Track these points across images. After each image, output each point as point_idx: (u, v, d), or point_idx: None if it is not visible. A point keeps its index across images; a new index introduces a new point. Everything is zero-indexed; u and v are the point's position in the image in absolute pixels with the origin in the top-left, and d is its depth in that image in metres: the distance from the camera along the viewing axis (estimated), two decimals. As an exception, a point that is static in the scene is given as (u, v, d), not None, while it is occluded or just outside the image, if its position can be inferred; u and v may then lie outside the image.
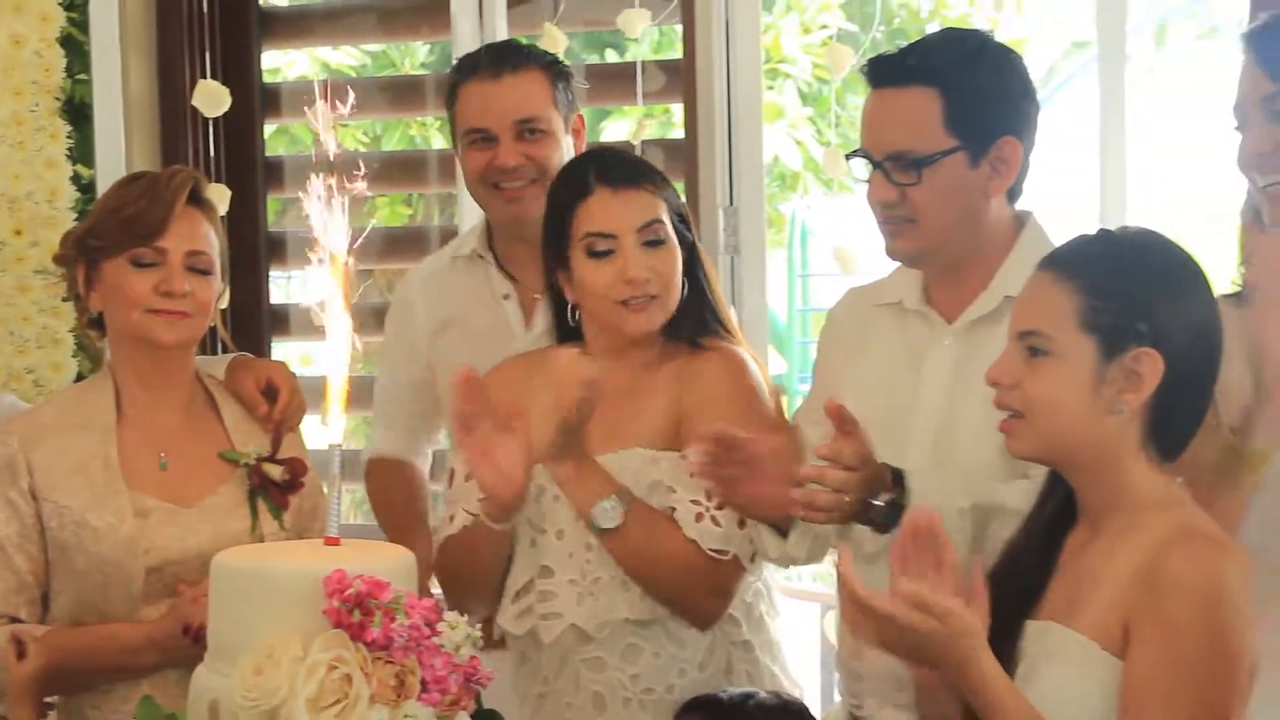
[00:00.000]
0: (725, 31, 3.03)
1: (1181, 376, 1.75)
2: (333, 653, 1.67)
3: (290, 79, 6.11)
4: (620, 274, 2.27)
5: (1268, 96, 1.95)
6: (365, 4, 4.05)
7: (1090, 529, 1.80)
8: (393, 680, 1.67)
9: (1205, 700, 1.66)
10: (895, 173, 2.11)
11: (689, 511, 2.24)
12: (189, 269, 2.29)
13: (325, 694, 1.65)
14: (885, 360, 2.22)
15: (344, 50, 6.82)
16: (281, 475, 2.33)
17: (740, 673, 2.33)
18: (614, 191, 2.29)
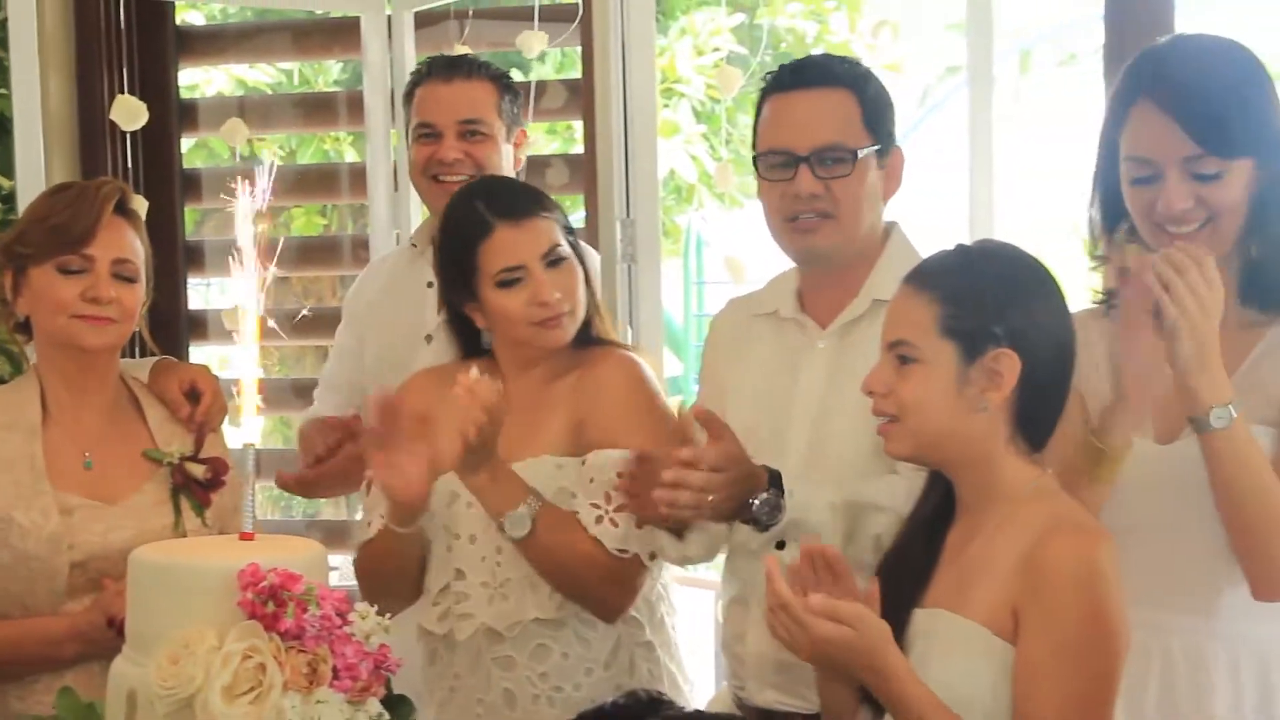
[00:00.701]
0: (621, 53, 3.04)
1: (1039, 372, 1.78)
2: (247, 642, 1.65)
3: (208, 95, 6.03)
4: (533, 298, 2.29)
5: (1189, 159, 1.94)
6: (279, 24, 4.02)
7: (970, 521, 1.83)
8: (305, 668, 1.66)
9: (1090, 676, 1.70)
10: (822, 167, 2.12)
11: (590, 515, 2.25)
12: (115, 276, 2.26)
13: (240, 682, 1.64)
14: (764, 366, 2.24)
15: (259, 68, 6.75)
16: (204, 474, 2.31)
17: (642, 671, 2.33)
18: (515, 225, 2.31)
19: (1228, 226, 1.97)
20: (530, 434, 2.29)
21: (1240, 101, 1.94)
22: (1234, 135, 1.93)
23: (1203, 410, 1.87)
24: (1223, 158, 1.94)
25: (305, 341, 5.62)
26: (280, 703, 1.63)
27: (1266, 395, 1.96)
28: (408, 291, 2.86)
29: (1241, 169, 1.95)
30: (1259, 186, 1.96)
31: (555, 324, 2.30)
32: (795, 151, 2.14)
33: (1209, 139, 1.92)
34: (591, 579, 2.25)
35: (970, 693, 1.73)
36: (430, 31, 3.55)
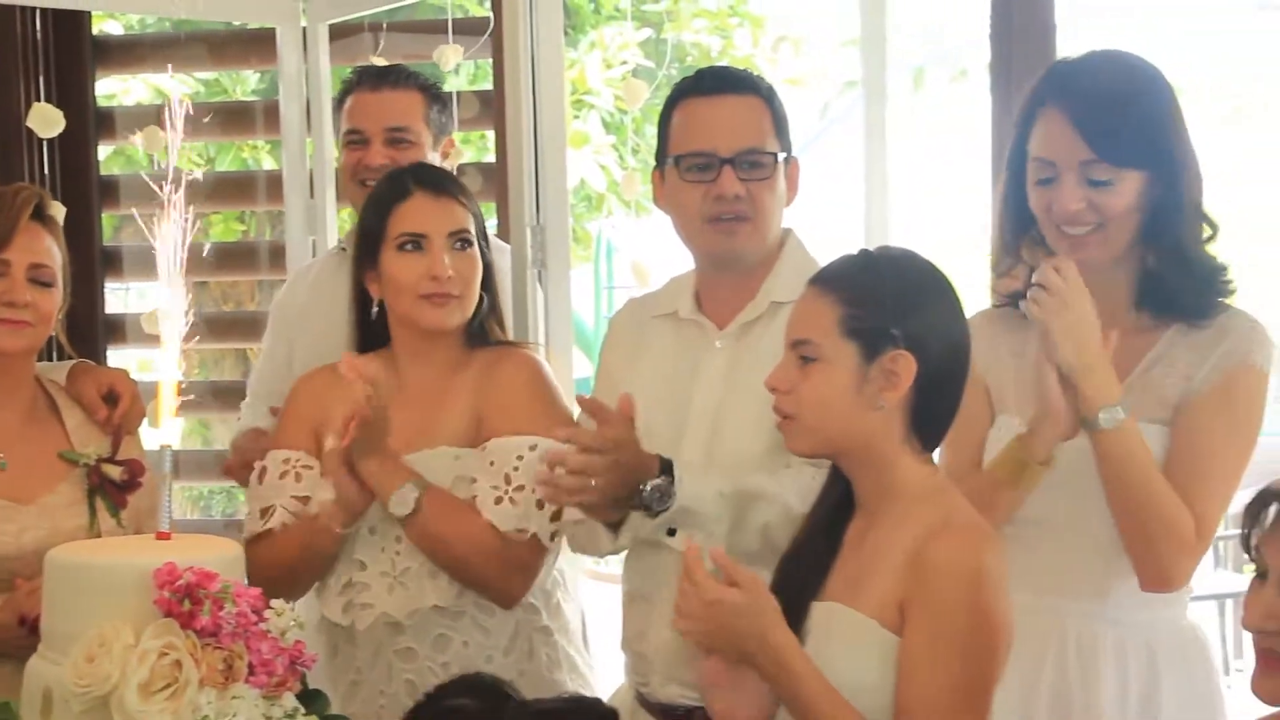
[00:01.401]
0: (531, 65, 3.04)
1: (934, 375, 1.80)
2: (163, 640, 1.63)
3: (126, 104, 5.94)
4: (428, 270, 2.28)
5: (1084, 163, 1.98)
6: (196, 34, 3.97)
7: (867, 517, 1.84)
8: (221, 665, 1.65)
9: (968, 669, 1.72)
10: (745, 170, 2.13)
11: (489, 495, 2.23)
12: (31, 281, 2.23)
13: (156, 679, 1.62)
14: (663, 366, 2.24)
15: (178, 77, 6.65)
16: (120, 475, 2.27)
17: (541, 656, 2.33)
18: (432, 197, 2.32)
19: (1117, 233, 2.00)
20: (429, 426, 2.28)
21: (1137, 114, 1.98)
22: (1127, 145, 1.97)
23: (1091, 411, 1.91)
24: (1114, 165, 1.97)
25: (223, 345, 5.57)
26: (196, 699, 1.61)
27: (1158, 396, 2.01)
28: (337, 296, 2.81)
29: (1132, 179, 1.98)
30: (1151, 198, 1.99)
31: (441, 302, 2.29)
32: (718, 153, 2.13)
33: (1103, 146, 1.96)
34: (482, 561, 2.23)
35: (860, 682, 1.74)
36: (346, 43, 3.53)
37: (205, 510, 6.88)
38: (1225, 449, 1.99)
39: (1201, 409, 1.98)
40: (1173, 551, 1.95)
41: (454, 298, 2.30)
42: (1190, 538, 1.95)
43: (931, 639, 1.71)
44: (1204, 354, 2.00)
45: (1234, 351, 1.99)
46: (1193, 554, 1.97)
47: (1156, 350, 2.03)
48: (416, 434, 2.25)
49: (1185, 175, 2.00)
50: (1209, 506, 1.97)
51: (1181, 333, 2.02)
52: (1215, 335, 2.01)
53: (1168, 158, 1.99)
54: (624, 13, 7.08)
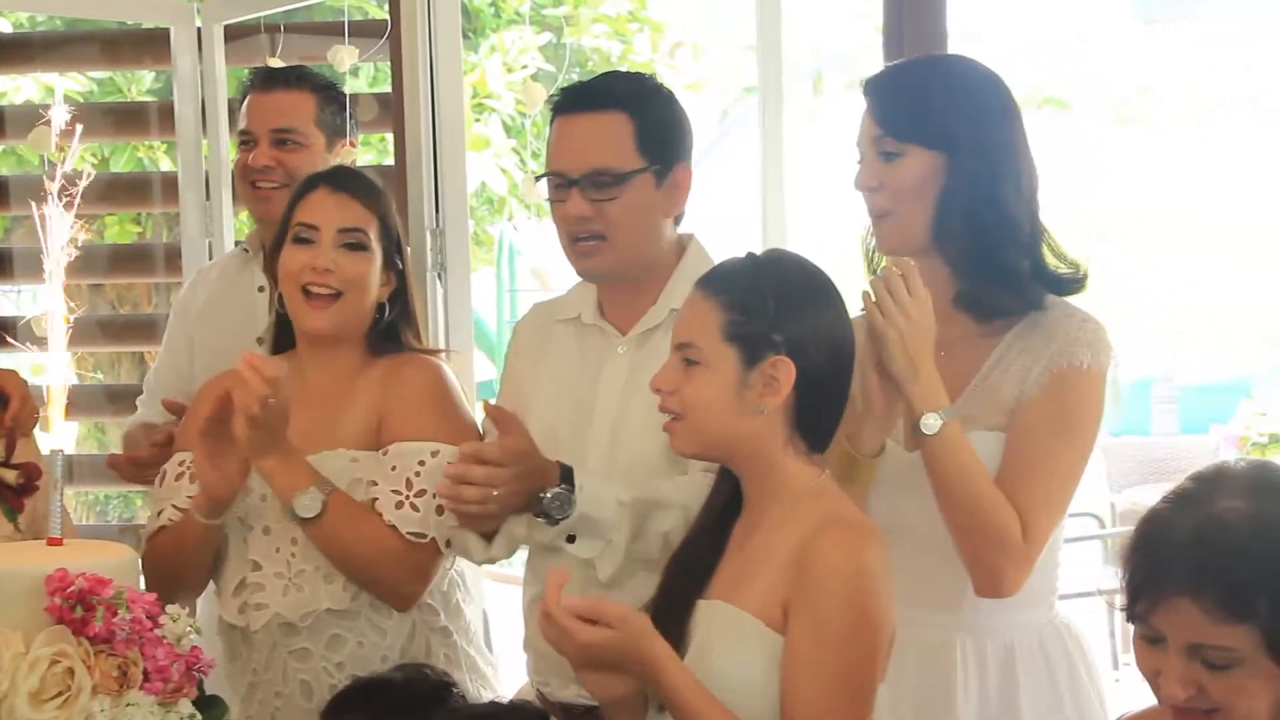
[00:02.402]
0: (430, 68, 3.02)
1: (816, 379, 1.81)
2: (55, 647, 1.60)
3: (16, 103, 5.81)
4: (310, 262, 2.25)
5: (875, 138, 2.04)
6: (88, 34, 3.90)
7: (753, 516, 1.85)
8: (115, 671, 1.62)
9: (850, 667, 1.73)
10: (593, 190, 2.12)
11: (390, 500, 2.22)
12: None
13: (47, 687, 1.59)
14: (566, 370, 2.24)
15: (71, 76, 6.51)
16: (16, 479, 2.18)
17: (439, 656, 2.31)
18: (331, 192, 2.30)
19: (908, 213, 2.02)
20: (327, 428, 2.26)
21: (928, 93, 2.03)
22: (907, 119, 2.01)
23: (916, 416, 1.93)
24: (896, 138, 2.01)
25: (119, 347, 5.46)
26: (89, 706, 1.58)
27: (996, 402, 2.02)
28: (239, 296, 2.80)
29: (920, 156, 2.01)
30: (948, 184, 2.01)
31: (320, 305, 2.25)
32: (568, 174, 2.14)
33: (887, 119, 2.02)
34: (384, 565, 2.22)
35: (744, 680, 1.75)
36: (242, 44, 3.48)
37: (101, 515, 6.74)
38: (1054, 453, 1.98)
39: (1030, 413, 1.98)
40: (1000, 558, 1.95)
41: (336, 296, 2.26)
42: (1017, 544, 1.94)
43: (814, 638, 1.72)
44: (1036, 356, 2.00)
45: (1062, 352, 1.99)
46: (1021, 560, 1.96)
47: (995, 355, 2.04)
48: (314, 435, 2.23)
49: (985, 165, 2.00)
50: (1038, 513, 1.96)
51: (1018, 335, 2.03)
52: (1045, 337, 2.01)
53: (965, 143, 2.00)
54: (524, 17, 7.07)
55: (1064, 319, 2.02)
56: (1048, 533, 1.99)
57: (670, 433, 1.84)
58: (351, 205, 2.29)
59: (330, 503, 2.19)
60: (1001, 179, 2.02)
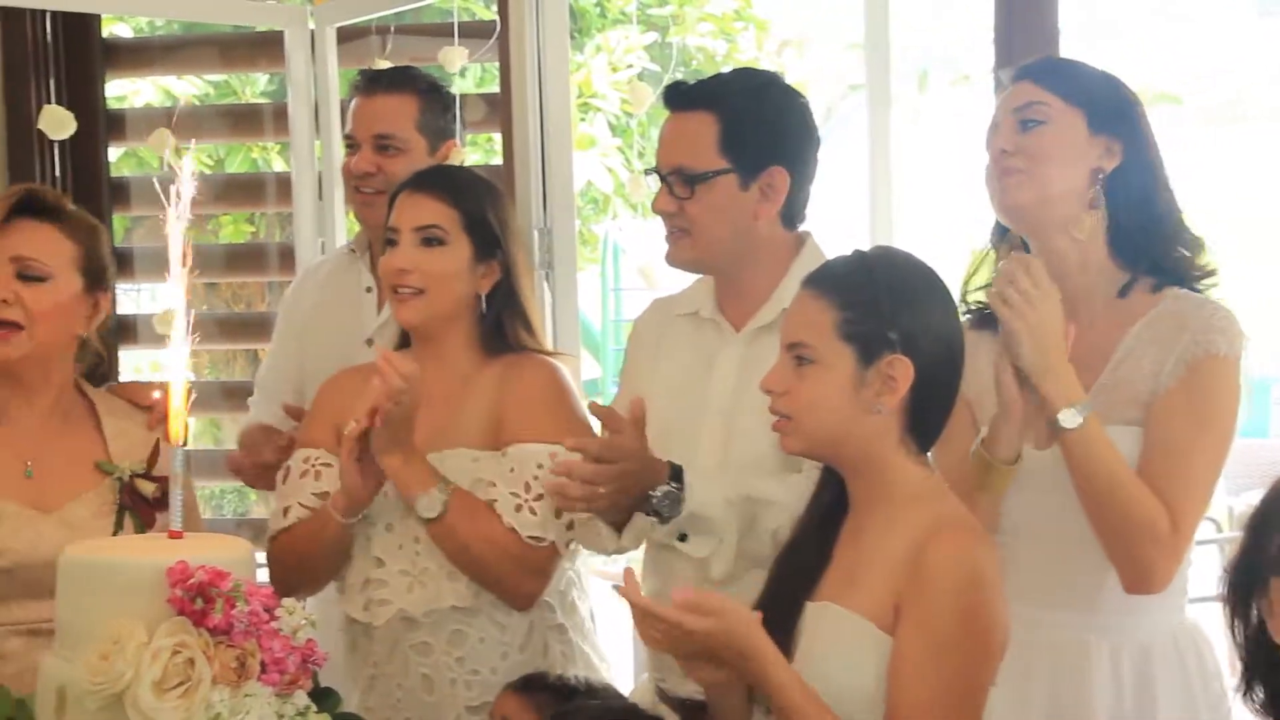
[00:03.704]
0: (538, 68, 3.04)
1: (930, 378, 1.79)
2: (176, 638, 1.63)
3: (136, 106, 5.95)
4: (391, 262, 2.30)
5: (1022, 106, 2.03)
6: (205, 37, 3.98)
7: (861, 518, 1.83)
8: (234, 663, 1.64)
9: (960, 670, 1.71)
10: (674, 187, 2.15)
11: (509, 503, 2.24)
12: (19, 276, 2.15)
13: (169, 676, 1.61)
14: (682, 364, 2.24)
15: (187, 79, 6.66)
16: (154, 493, 2.21)
17: (556, 653, 2.33)
18: (410, 194, 2.34)
19: (1042, 175, 2.01)
20: (447, 427, 2.28)
21: (1081, 68, 2.07)
22: (1069, 82, 2.03)
23: (1053, 413, 1.90)
24: (1063, 98, 2.02)
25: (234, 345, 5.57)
26: (209, 696, 1.61)
27: (1129, 395, 1.99)
28: (347, 296, 2.83)
29: (1067, 123, 2.01)
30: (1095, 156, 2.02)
31: (404, 299, 2.29)
32: (660, 171, 2.18)
33: (1046, 80, 2.03)
34: (503, 566, 2.23)
35: (853, 683, 1.73)
36: (353, 46, 3.53)
37: (217, 509, 6.89)
38: (1196, 443, 1.96)
39: (1168, 404, 1.97)
40: (1150, 552, 1.93)
41: (419, 293, 2.29)
42: (1166, 537, 1.92)
43: (924, 640, 1.70)
44: (1168, 347, 1.98)
45: (1197, 342, 1.97)
46: (1171, 553, 1.94)
47: (1123, 347, 2.02)
48: (435, 434, 2.25)
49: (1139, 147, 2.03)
50: (1184, 504, 1.94)
51: (1147, 326, 2.01)
52: (1176, 327, 1.99)
53: (1121, 124, 2.02)
54: (629, 16, 7.08)
55: (1195, 308, 2.01)
56: (1196, 524, 1.97)
57: (781, 433, 1.83)
58: (427, 203, 2.32)
59: (451, 502, 2.21)
60: (1155, 166, 2.03)
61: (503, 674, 2.26)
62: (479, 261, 2.32)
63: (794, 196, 2.18)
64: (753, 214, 2.15)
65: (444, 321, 2.31)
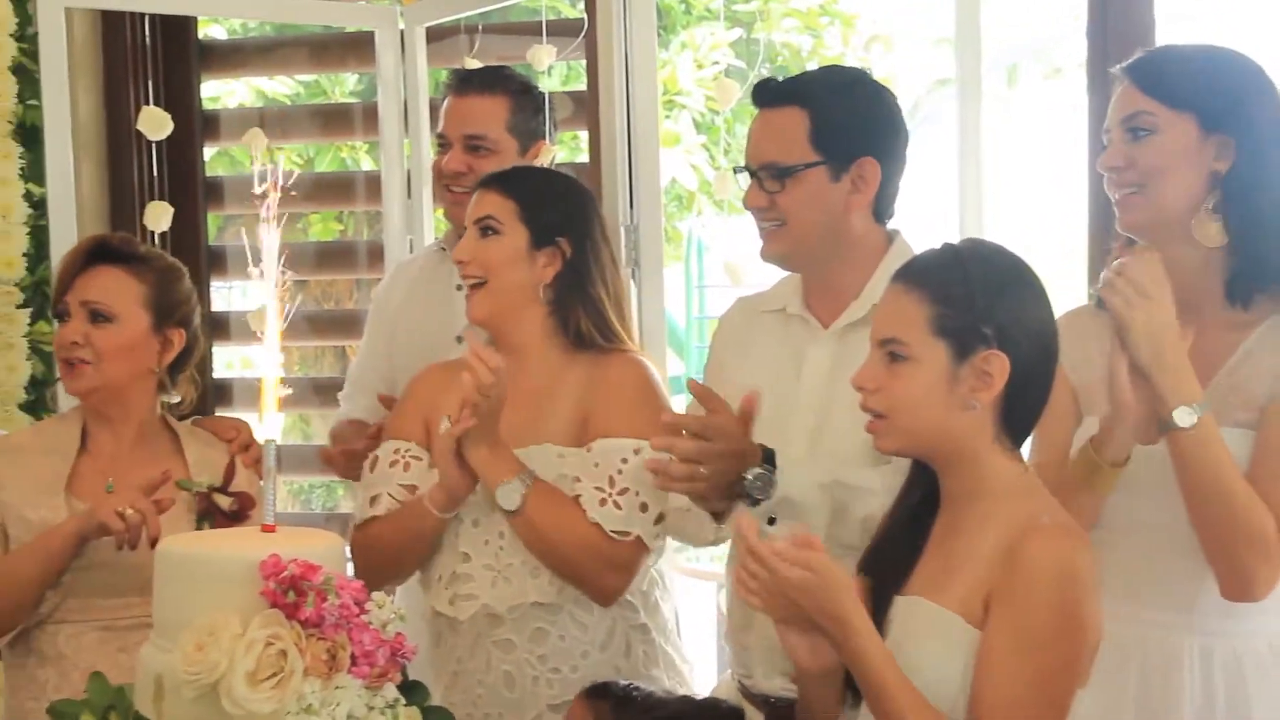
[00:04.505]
0: (625, 66, 3.04)
1: (1025, 373, 1.76)
2: (269, 630, 1.65)
3: (229, 106, 6.04)
4: (455, 254, 2.36)
5: (1129, 116, 1.99)
6: (297, 38, 4.03)
7: (954, 513, 1.81)
8: (325, 655, 1.66)
9: (1049, 669, 1.68)
10: (765, 181, 2.15)
11: (593, 497, 2.24)
12: (90, 318, 2.29)
13: (262, 668, 1.64)
14: (769, 360, 2.24)
15: (279, 80, 6.76)
16: (230, 505, 2.29)
17: (638, 653, 2.33)
18: (483, 191, 2.37)
19: (1158, 189, 1.97)
20: (534, 423, 2.29)
21: (1192, 66, 1.99)
22: (1177, 87, 1.96)
23: (1166, 411, 1.87)
24: (1168, 105, 1.96)
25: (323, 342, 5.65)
26: (301, 688, 1.63)
27: (1245, 397, 1.95)
28: (437, 293, 2.86)
29: (1179, 129, 1.95)
30: (1210, 162, 1.95)
31: (468, 296, 2.34)
32: (750, 166, 2.19)
33: (1151, 87, 1.97)
34: (585, 559, 2.24)
35: (941, 676, 1.72)
36: (442, 45, 3.56)
37: (305, 504, 6.99)
38: None
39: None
40: (1254, 559, 1.88)
41: (479, 285, 2.32)
42: (1273, 545, 1.88)
43: (1014, 635, 1.68)
44: None
45: None
46: (1276, 562, 1.89)
47: (1244, 349, 1.98)
48: (522, 430, 2.26)
49: (1260, 149, 1.94)
50: None
51: (1271, 329, 1.97)
52: None
53: (1239, 124, 1.95)
54: (715, 13, 7.07)
55: None
56: None
57: (874, 432, 1.82)
58: (485, 196, 2.36)
59: (531, 494, 2.22)
60: (1272, 156, 1.96)
61: (584, 673, 2.27)
62: (536, 249, 2.33)
63: (884, 190, 2.18)
64: (844, 206, 2.15)
65: (512, 314, 2.33)
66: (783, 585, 1.70)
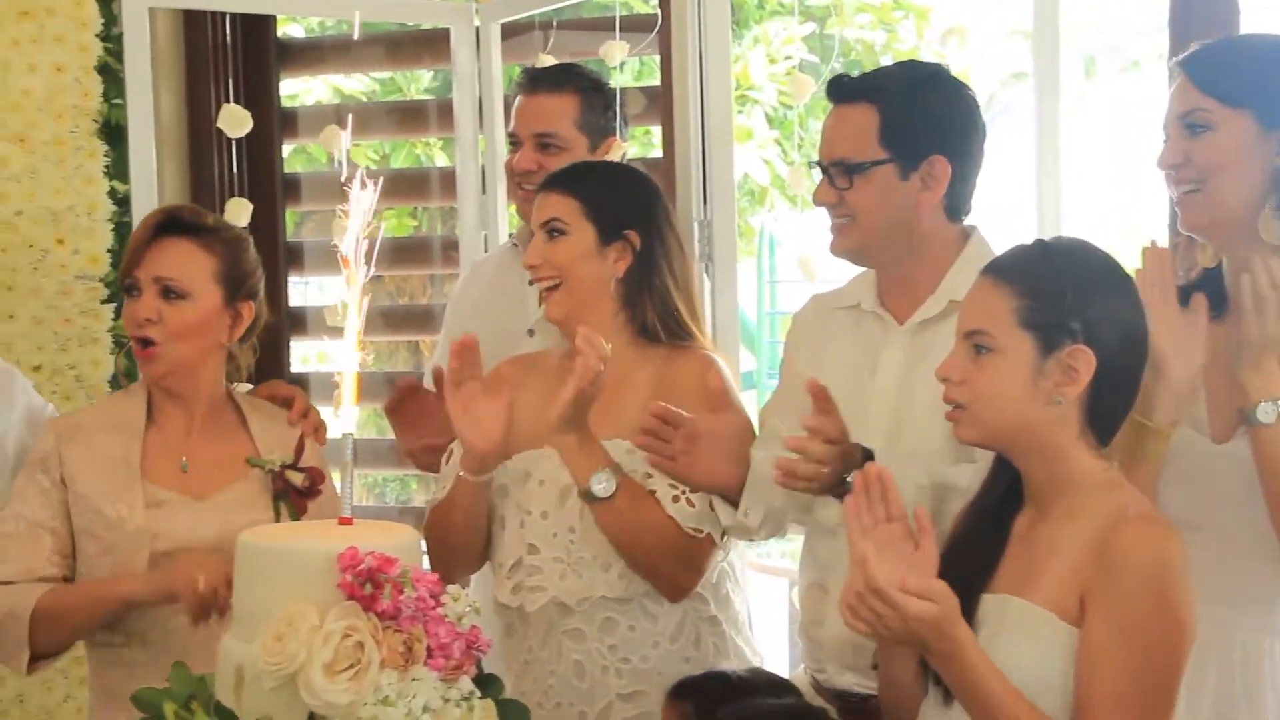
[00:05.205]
0: (698, 61, 3.03)
1: (1112, 369, 1.75)
2: (346, 622, 1.66)
3: (307, 104, 6.10)
4: (524, 259, 2.38)
5: (1185, 113, 1.97)
6: (374, 36, 4.06)
7: (1037, 509, 1.80)
8: (401, 647, 1.67)
9: (1151, 662, 1.67)
10: (835, 177, 2.14)
11: (667, 494, 2.25)
12: (162, 295, 2.26)
13: (340, 659, 1.65)
14: (844, 357, 2.23)
15: (355, 77, 6.82)
16: (302, 482, 2.31)
17: (708, 645, 2.33)
18: (545, 193, 2.39)
19: (1217, 187, 1.94)
20: (608, 417, 2.29)
21: (1253, 60, 1.96)
22: (1233, 84, 1.93)
23: (1250, 404, 1.84)
24: (1223, 102, 1.93)
25: (397, 337, 5.69)
26: (378, 680, 1.64)
27: None
28: (510, 288, 2.87)
29: (1236, 125, 1.93)
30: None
31: (545, 298, 2.35)
32: (822, 163, 2.19)
33: (1207, 84, 1.94)
34: (663, 555, 2.25)
35: (1038, 676, 1.70)
36: (516, 42, 3.57)
37: (380, 497, 7.05)
38: None
39: None
40: None
41: (554, 287, 2.33)
42: None
43: (1114, 630, 1.66)
44: None
45: None
46: None
47: None
48: (595, 423, 2.27)
49: None
50: None
51: None
52: None
53: None
54: (788, 7, 7.04)
55: None
56: None
57: (955, 421, 1.81)
58: (549, 197, 2.37)
59: (622, 486, 2.23)
60: None
61: (654, 663, 2.28)
62: (605, 244, 2.33)
63: (957, 187, 2.16)
64: (914, 203, 2.14)
65: (587, 312, 2.33)
66: (906, 620, 1.68)
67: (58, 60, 2.91)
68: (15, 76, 2.88)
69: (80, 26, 2.92)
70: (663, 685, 2.25)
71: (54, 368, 3.02)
